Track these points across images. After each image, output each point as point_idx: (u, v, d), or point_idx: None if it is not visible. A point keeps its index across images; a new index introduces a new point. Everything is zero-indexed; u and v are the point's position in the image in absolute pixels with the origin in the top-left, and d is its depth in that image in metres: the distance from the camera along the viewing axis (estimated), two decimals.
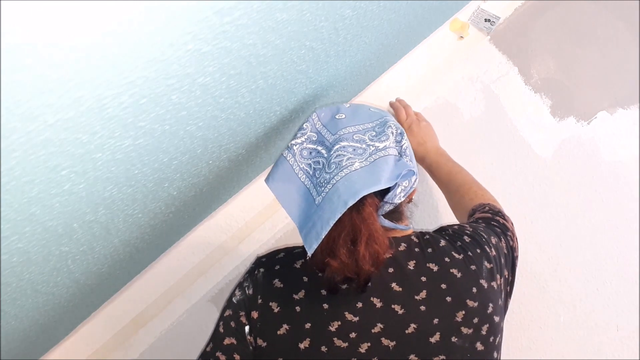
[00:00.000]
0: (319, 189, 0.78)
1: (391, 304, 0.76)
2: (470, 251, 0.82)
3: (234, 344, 0.78)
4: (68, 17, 0.40)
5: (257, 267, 0.84)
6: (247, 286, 0.82)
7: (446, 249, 0.81)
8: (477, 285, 0.78)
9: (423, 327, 0.75)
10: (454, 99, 1.43)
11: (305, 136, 0.86)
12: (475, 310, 0.76)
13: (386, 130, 0.83)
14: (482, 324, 0.77)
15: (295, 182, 0.81)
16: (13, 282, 0.73)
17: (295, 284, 0.78)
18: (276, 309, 0.77)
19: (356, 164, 0.78)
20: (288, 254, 0.85)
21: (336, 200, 0.73)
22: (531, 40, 1.44)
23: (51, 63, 0.42)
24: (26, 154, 0.50)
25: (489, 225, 0.91)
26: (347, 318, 0.75)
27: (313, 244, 0.72)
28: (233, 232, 1.35)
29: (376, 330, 0.74)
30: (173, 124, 0.69)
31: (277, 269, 0.81)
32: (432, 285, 0.77)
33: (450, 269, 0.78)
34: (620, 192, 1.31)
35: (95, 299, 1.21)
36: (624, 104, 1.37)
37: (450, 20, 1.45)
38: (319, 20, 0.78)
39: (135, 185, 0.77)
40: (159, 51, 0.52)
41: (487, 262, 0.82)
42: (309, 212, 0.76)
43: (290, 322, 0.75)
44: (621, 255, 1.27)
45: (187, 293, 1.34)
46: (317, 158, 0.82)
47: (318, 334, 0.74)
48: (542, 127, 1.38)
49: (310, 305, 0.76)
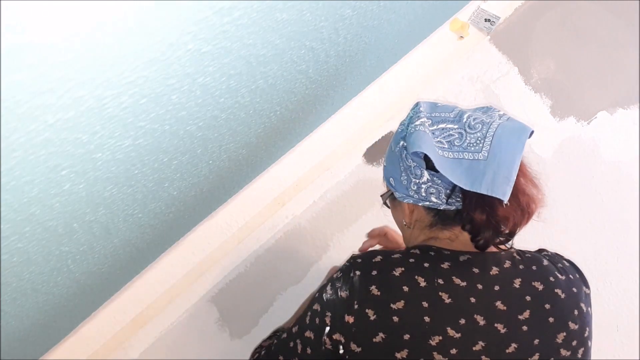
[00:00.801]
0: (473, 148, 0.77)
1: (494, 323, 0.75)
2: (570, 274, 0.83)
3: (311, 338, 0.78)
4: (68, 18, 0.40)
5: (352, 267, 0.81)
6: (340, 287, 0.80)
7: (550, 268, 0.81)
8: (578, 308, 0.80)
9: (523, 347, 0.74)
10: (454, 99, 1.43)
11: (421, 120, 0.82)
12: (575, 332, 0.77)
13: (490, 112, 0.84)
14: (579, 347, 0.78)
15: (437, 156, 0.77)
16: (13, 282, 0.73)
17: (394, 293, 0.76)
18: (372, 316, 0.75)
19: (496, 121, 0.79)
20: (386, 258, 0.81)
21: (507, 143, 0.74)
22: (531, 40, 1.44)
23: (51, 63, 0.42)
24: (26, 154, 0.50)
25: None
26: (448, 334, 0.74)
27: (507, 190, 0.72)
28: (233, 232, 1.35)
29: (477, 348, 0.74)
30: (173, 124, 0.69)
31: (374, 275, 0.78)
32: (536, 305, 0.77)
33: (554, 289, 0.79)
34: (620, 192, 1.31)
35: (95, 299, 1.21)
36: (624, 104, 1.37)
37: (450, 20, 1.45)
38: (319, 20, 0.78)
39: (135, 185, 0.77)
40: (159, 51, 0.52)
41: (586, 288, 0.85)
42: (475, 171, 0.75)
43: (388, 332, 0.74)
44: (621, 255, 1.27)
45: (187, 293, 1.34)
46: (446, 133, 0.80)
47: (417, 346, 0.73)
48: (542, 127, 1.38)
49: (410, 317, 0.74)
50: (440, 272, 0.77)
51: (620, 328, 1.23)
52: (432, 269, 0.78)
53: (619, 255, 1.27)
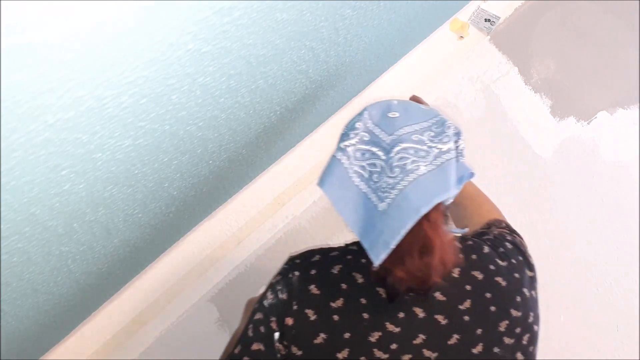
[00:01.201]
0: (380, 194, 0.74)
1: (434, 315, 0.73)
2: (513, 258, 0.80)
3: (261, 350, 0.75)
4: (68, 18, 0.40)
5: (291, 269, 0.80)
6: (280, 290, 0.78)
7: (490, 255, 0.79)
8: (521, 294, 0.77)
9: (466, 337, 0.72)
10: (454, 99, 1.43)
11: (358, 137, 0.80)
12: (518, 319, 0.75)
13: (446, 131, 0.80)
14: (523, 333, 0.75)
15: (350, 186, 0.77)
16: (13, 282, 0.73)
17: (332, 291, 0.75)
18: (313, 317, 0.74)
19: (422, 167, 0.74)
20: (324, 257, 0.81)
21: (406, 208, 0.70)
22: (531, 40, 1.44)
23: (51, 63, 0.42)
24: (26, 154, 0.50)
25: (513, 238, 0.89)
26: (388, 329, 0.72)
27: (381, 255, 0.68)
28: (233, 232, 1.35)
29: (418, 341, 0.72)
30: (173, 124, 0.69)
31: (313, 274, 0.78)
32: (476, 294, 0.75)
33: (495, 277, 0.76)
34: (620, 192, 1.31)
35: (95, 299, 1.21)
36: (624, 104, 1.37)
37: (450, 20, 1.45)
38: (319, 20, 0.78)
39: (135, 185, 0.77)
40: (159, 51, 0.52)
41: (529, 270, 0.80)
42: (371, 220, 0.73)
43: (328, 332, 0.73)
44: (621, 255, 1.27)
45: (187, 293, 1.34)
46: (372, 160, 0.78)
47: (357, 344, 0.72)
48: (542, 127, 1.38)
49: (349, 315, 0.73)
50: None
51: (620, 328, 1.23)
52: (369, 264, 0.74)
53: (619, 255, 1.27)
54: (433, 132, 0.80)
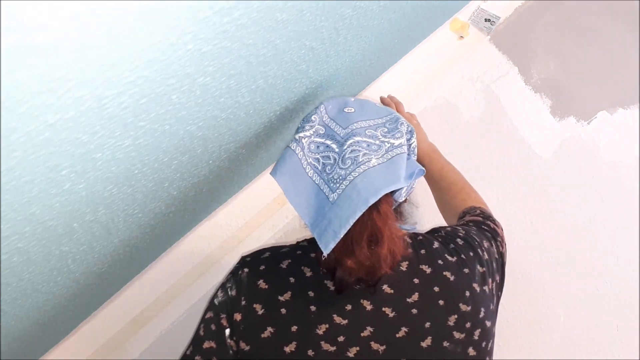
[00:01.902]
0: (332, 185, 0.75)
1: (382, 307, 0.73)
2: (463, 254, 0.80)
3: (213, 347, 0.75)
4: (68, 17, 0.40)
5: (241, 267, 0.80)
6: (230, 287, 0.79)
7: (439, 251, 0.79)
8: (470, 289, 0.77)
9: (414, 331, 0.72)
10: (454, 99, 1.43)
11: (314, 129, 0.83)
12: (468, 314, 0.74)
13: (399, 127, 0.82)
14: (474, 328, 0.75)
15: (303, 177, 0.78)
16: (13, 282, 0.73)
17: (280, 285, 0.75)
18: (260, 311, 0.74)
19: (373, 160, 0.76)
20: (274, 253, 0.81)
21: (356, 198, 0.71)
22: (531, 40, 1.44)
23: (51, 63, 0.42)
24: (26, 154, 0.50)
25: (480, 229, 0.89)
26: (335, 321, 0.72)
27: (330, 244, 0.69)
28: (233, 232, 1.35)
29: (365, 333, 0.72)
30: (173, 123, 0.69)
31: (262, 269, 0.78)
32: (424, 287, 0.75)
33: (443, 272, 0.76)
34: (620, 192, 1.31)
35: (95, 299, 1.21)
36: (624, 104, 1.37)
37: (450, 20, 1.45)
38: (319, 20, 0.78)
39: (135, 185, 0.77)
40: (159, 51, 0.52)
41: (480, 266, 0.80)
42: (321, 210, 0.74)
43: (275, 325, 0.72)
44: (621, 255, 1.27)
45: (187, 293, 1.34)
46: (326, 152, 0.80)
47: (305, 337, 0.71)
48: (542, 127, 1.38)
49: (296, 308, 0.73)
50: None
51: (620, 328, 1.23)
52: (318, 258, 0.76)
53: (619, 255, 1.27)
54: (386, 129, 0.82)
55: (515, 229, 1.32)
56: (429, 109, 1.42)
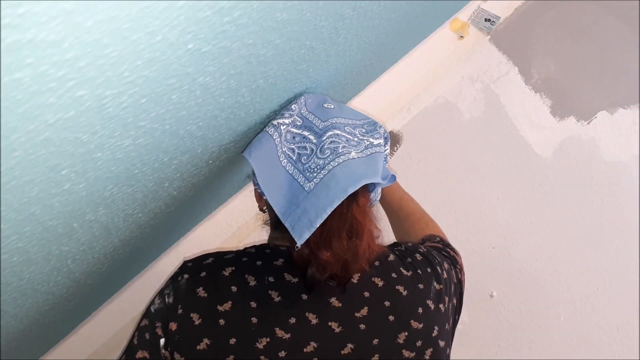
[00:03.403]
0: (308, 174, 0.72)
1: (328, 321, 0.69)
2: (420, 269, 0.76)
3: (146, 357, 0.70)
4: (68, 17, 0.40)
5: (181, 272, 0.75)
6: (168, 294, 0.74)
7: (394, 264, 0.76)
8: (423, 306, 0.73)
9: (361, 347, 0.68)
10: (454, 99, 1.43)
11: (292, 118, 0.81)
12: (419, 332, 0.71)
13: (378, 129, 0.82)
14: (425, 347, 0.71)
15: (277, 165, 0.76)
16: (13, 282, 0.73)
17: (221, 294, 0.70)
18: (197, 320, 0.69)
19: (353, 153, 0.74)
20: (217, 259, 0.76)
21: (334, 187, 0.68)
22: (531, 40, 1.44)
23: (51, 62, 0.42)
24: (26, 154, 0.50)
25: (440, 253, 0.86)
26: (277, 334, 0.68)
27: (305, 233, 0.66)
28: (233, 232, 1.35)
29: (309, 349, 0.68)
30: (173, 123, 0.69)
31: (202, 276, 0.73)
32: (374, 301, 0.71)
33: (396, 286, 0.72)
34: (620, 192, 1.31)
35: (95, 298, 1.21)
36: (624, 104, 1.37)
37: (450, 20, 1.45)
38: (319, 20, 0.78)
39: (135, 185, 0.77)
40: (159, 51, 0.52)
41: (437, 283, 0.76)
42: (295, 199, 0.71)
43: (212, 337, 0.68)
44: (621, 255, 1.27)
45: None
46: (303, 143, 0.77)
47: (243, 351, 0.67)
48: (542, 127, 1.38)
49: (236, 319, 0.68)
50: (271, 270, 0.72)
51: (620, 328, 1.23)
52: (265, 266, 0.72)
53: (619, 255, 1.27)
54: (365, 129, 0.82)
55: (515, 229, 1.32)
56: (429, 109, 1.42)
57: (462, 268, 0.88)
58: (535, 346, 1.24)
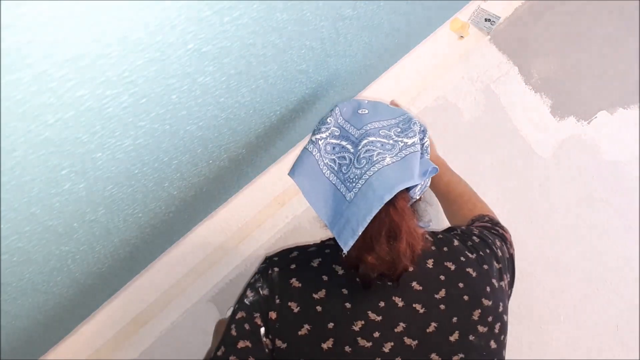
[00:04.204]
0: (348, 184, 0.77)
1: (412, 303, 0.75)
2: (481, 251, 0.82)
3: (249, 347, 0.75)
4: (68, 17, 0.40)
5: (269, 266, 0.81)
6: (261, 286, 0.79)
7: (460, 248, 0.82)
8: (490, 285, 0.79)
9: (443, 326, 0.75)
10: (454, 99, 1.43)
11: (329, 131, 0.85)
12: (490, 308, 0.77)
13: (412, 127, 0.83)
14: (495, 322, 0.77)
15: (320, 178, 0.80)
16: (13, 282, 0.73)
17: (314, 283, 0.77)
18: (296, 309, 0.75)
19: (387, 159, 0.77)
20: (302, 252, 0.83)
21: (371, 196, 0.72)
22: (531, 40, 1.44)
23: (51, 62, 0.42)
24: (26, 154, 0.50)
25: (490, 231, 0.92)
26: (370, 317, 0.74)
27: (349, 241, 0.71)
28: (233, 232, 1.35)
29: (399, 329, 0.74)
30: (173, 123, 0.69)
31: (293, 268, 0.79)
32: (450, 284, 0.77)
33: (466, 268, 0.79)
34: (620, 192, 1.31)
35: (95, 299, 1.21)
36: (624, 104, 1.37)
37: (450, 20, 1.45)
38: (319, 20, 0.78)
39: (135, 184, 0.77)
40: (159, 51, 0.52)
41: (496, 263, 0.83)
42: (339, 209, 0.76)
43: (312, 323, 0.74)
44: (621, 255, 1.27)
45: (187, 293, 1.34)
46: (342, 153, 0.81)
47: (341, 333, 0.73)
48: (542, 127, 1.38)
49: (332, 305, 0.74)
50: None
51: (620, 328, 1.23)
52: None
53: (619, 255, 1.27)
54: (400, 128, 0.84)
55: (515, 229, 1.31)
56: (429, 109, 1.42)
57: (512, 243, 0.93)
58: (535, 346, 1.24)
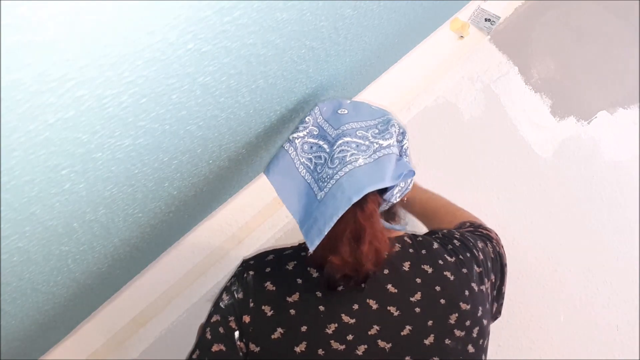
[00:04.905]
0: (320, 184, 0.77)
1: (387, 306, 0.75)
2: (461, 254, 0.82)
3: (222, 350, 0.75)
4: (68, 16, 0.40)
5: (245, 269, 0.81)
6: (236, 290, 0.80)
7: (439, 251, 0.81)
8: (469, 288, 0.79)
9: (418, 329, 0.75)
10: (454, 99, 1.43)
11: (307, 130, 0.85)
12: (467, 312, 0.77)
13: (390, 129, 0.83)
14: (473, 326, 0.77)
15: (295, 176, 0.81)
16: (13, 282, 0.73)
17: (288, 286, 0.77)
18: (269, 312, 0.75)
19: (360, 160, 0.77)
20: (278, 255, 0.83)
21: (340, 196, 0.72)
22: (531, 40, 1.44)
23: (51, 62, 0.42)
24: (26, 154, 0.50)
25: (473, 234, 0.91)
26: (343, 320, 0.74)
27: (315, 241, 0.71)
28: (233, 232, 1.35)
29: (372, 332, 0.74)
30: (173, 123, 0.69)
31: (268, 272, 0.79)
32: (426, 287, 0.77)
33: (444, 272, 0.78)
34: (620, 192, 1.31)
35: (95, 298, 1.21)
36: (624, 104, 1.37)
37: (450, 20, 1.45)
38: (319, 20, 0.78)
39: (135, 184, 0.77)
40: (159, 50, 0.52)
41: (477, 266, 0.82)
42: (309, 208, 0.76)
43: (285, 326, 0.74)
44: (621, 255, 1.27)
45: (187, 293, 1.34)
46: (318, 152, 0.81)
47: (314, 337, 0.73)
48: (542, 127, 1.38)
49: (305, 308, 0.75)
50: None
51: (620, 328, 1.23)
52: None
53: (619, 255, 1.27)
54: (377, 130, 0.84)
55: (516, 229, 1.32)
56: (429, 109, 1.42)
57: (499, 241, 0.94)
58: (535, 346, 1.24)
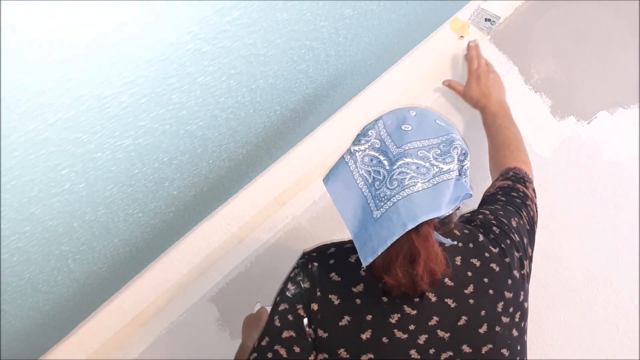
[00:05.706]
0: (377, 202, 0.78)
1: (444, 298, 0.80)
2: (502, 243, 0.87)
3: (293, 336, 0.79)
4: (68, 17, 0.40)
5: (308, 261, 0.85)
6: (302, 280, 0.83)
7: (485, 243, 0.86)
8: (511, 277, 0.84)
9: (473, 319, 0.80)
10: (454, 99, 1.43)
11: (369, 143, 0.84)
12: (511, 300, 0.83)
13: (451, 151, 0.83)
14: (515, 312, 0.83)
15: (353, 188, 0.82)
16: (13, 282, 0.73)
17: (352, 277, 0.81)
18: (336, 301, 0.80)
19: (419, 184, 0.77)
20: (339, 248, 0.87)
21: (395, 221, 0.74)
22: (531, 40, 1.44)
23: (52, 62, 0.42)
24: (26, 154, 0.50)
25: (507, 200, 0.96)
26: (405, 311, 0.79)
27: (368, 258, 0.74)
28: (233, 232, 1.35)
29: (432, 322, 0.79)
30: (173, 123, 0.69)
31: (332, 263, 0.84)
32: (477, 279, 0.82)
33: (490, 264, 0.84)
34: (620, 192, 1.31)
35: (95, 298, 1.21)
36: (624, 104, 1.37)
37: (450, 20, 1.45)
38: (319, 20, 0.78)
39: (135, 184, 0.77)
40: (159, 51, 0.52)
41: (516, 252, 0.88)
42: (365, 222, 0.78)
43: (351, 314, 0.78)
44: (621, 255, 1.27)
45: (187, 293, 1.34)
46: (378, 168, 0.81)
47: (379, 325, 0.78)
48: (542, 127, 1.38)
49: (369, 298, 0.79)
50: None
51: (620, 328, 1.23)
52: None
53: (619, 254, 1.27)
54: (439, 150, 0.83)
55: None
56: (429, 109, 1.42)
57: (534, 201, 0.99)
58: (535, 346, 1.24)
